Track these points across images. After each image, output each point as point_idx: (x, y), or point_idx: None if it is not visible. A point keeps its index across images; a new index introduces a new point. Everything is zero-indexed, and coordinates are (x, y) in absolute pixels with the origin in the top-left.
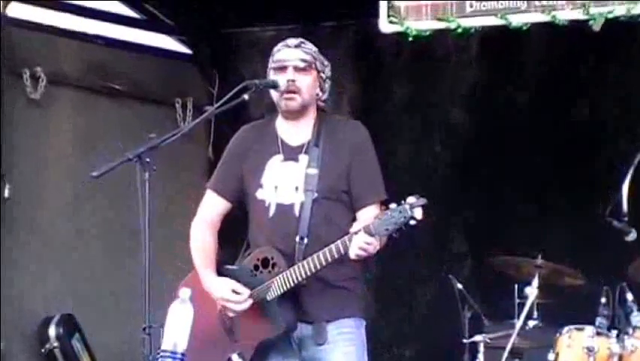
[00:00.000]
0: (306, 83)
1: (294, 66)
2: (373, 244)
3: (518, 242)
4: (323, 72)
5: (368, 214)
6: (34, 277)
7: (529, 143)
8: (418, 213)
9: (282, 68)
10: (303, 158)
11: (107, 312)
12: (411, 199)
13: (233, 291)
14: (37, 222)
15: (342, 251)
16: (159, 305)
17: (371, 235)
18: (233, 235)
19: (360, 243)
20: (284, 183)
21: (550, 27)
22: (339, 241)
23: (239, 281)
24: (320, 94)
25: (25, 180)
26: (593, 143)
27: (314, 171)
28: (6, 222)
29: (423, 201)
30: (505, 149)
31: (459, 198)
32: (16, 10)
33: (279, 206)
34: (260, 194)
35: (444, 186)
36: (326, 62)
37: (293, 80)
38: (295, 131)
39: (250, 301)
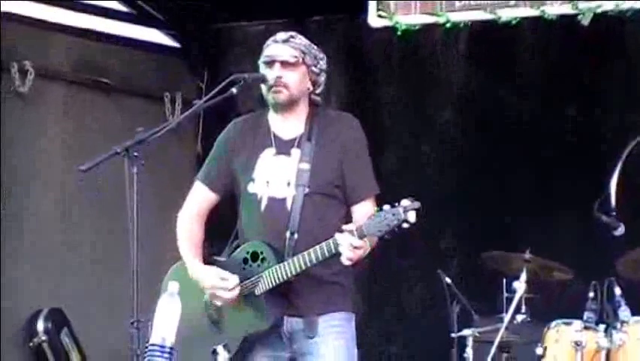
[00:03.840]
0: (294, 78)
1: (282, 62)
2: (363, 247)
3: (507, 237)
4: (315, 66)
5: (364, 209)
6: (24, 270)
7: (519, 141)
8: (412, 217)
9: (270, 63)
10: (296, 152)
11: (96, 306)
12: (405, 202)
13: (222, 278)
14: (28, 215)
15: (333, 251)
16: (149, 299)
17: (363, 235)
18: (223, 229)
19: (349, 246)
20: (276, 178)
21: (541, 23)
22: (329, 241)
23: None
24: (311, 88)
25: (14, 174)
26: (584, 140)
27: (306, 165)
28: None
29: (417, 204)
30: (494, 147)
31: (448, 194)
32: (4, 4)
33: (270, 200)
34: (251, 187)
35: (432, 183)
36: (320, 55)
37: (280, 77)
38: (287, 125)
39: (238, 290)
